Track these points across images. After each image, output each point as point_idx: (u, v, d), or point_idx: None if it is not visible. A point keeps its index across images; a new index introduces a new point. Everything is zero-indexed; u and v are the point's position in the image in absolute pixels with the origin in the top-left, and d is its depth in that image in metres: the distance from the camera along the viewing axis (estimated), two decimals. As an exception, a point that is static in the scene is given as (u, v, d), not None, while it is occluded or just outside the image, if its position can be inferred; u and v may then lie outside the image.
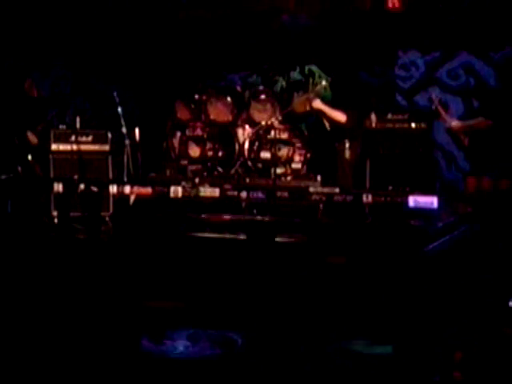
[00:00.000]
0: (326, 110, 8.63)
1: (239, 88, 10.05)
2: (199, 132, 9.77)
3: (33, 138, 8.87)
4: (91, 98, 11.24)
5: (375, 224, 7.46)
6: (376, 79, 10.04)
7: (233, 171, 9.35)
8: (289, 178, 9.08)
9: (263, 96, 9.53)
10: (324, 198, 7.61)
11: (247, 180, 8.92)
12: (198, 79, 10.41)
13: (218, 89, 10.14)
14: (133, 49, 10.81)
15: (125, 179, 8.81)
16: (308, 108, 8.85)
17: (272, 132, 9.24)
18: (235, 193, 8.09)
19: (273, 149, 9.09)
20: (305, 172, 9.18)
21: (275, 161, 9.01)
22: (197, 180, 8.57)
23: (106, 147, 9.00)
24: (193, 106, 9.87)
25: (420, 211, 7.31)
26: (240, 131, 9.55)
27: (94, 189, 7.79)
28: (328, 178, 8.67)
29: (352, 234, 7.15)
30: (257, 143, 9.38)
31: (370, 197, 7.50)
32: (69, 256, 7.07)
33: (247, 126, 9.51)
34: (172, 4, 10.16)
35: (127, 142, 9.00)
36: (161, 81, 10.73)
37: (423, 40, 9.69)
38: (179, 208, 7.95)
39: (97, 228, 8.09)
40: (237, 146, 9.47)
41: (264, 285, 6.14)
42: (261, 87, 9.88)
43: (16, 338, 4.87)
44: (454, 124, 7.77)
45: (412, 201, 7.34)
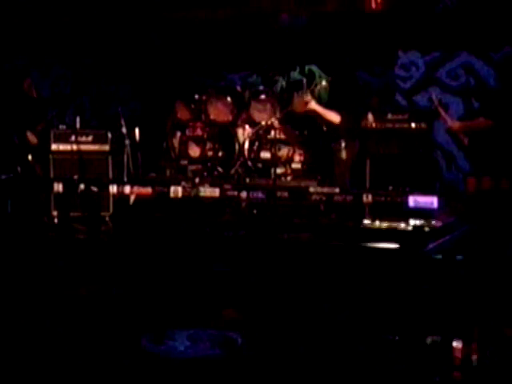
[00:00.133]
0: (320, 111, 8.64)
1: (239, 88, 10.04)
2: (199, 132, 9.77)
3: (33, 138, 8.88)
4: (91, 98, 11.24)
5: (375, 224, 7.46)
6: (376, 79, 10.05)
7: (233, 171, 9.35)
8: (289, 178, 9.09)
9: (263, 96, 9.53)
10: (324, 198, 7.61)
11: (247, 180, 8.92)
12: (198, 79, 10.42)
13: (218, 89, 10.14)
14: (133, 49, 10.81)
15: (125, 179, 8.81)
16: (306, 108, 8.86)
17: (272, 132, 9.25)
18: (235, 193, 8.09)
19: (273, 149, 9.09)
20: (302, 172, 9.19)
21: (275, 161, 9.01)
22: (197, 180, 8.57)
23: (106, 147, 9.00)
24: (193, 106, 9.87)
25: (420, 211, 7.31)
26: (240, 131, 9.55)
27: (94, 189, 7.79)
28: (326, 178, 8.68)
29: (352, 234, 7.16)
30: (257, 143, 9.38)
31: (370, 197, 7.50)
32: (69, 256, 7.07)
33: (247, 126, 9.51)
34: (172, 4, 10.16)
35: (127, 142, 9.01)
36: (161, 81, 10.73)
37: (423, 40, 9.69)
38: (179, 208, 7.95)
39: (97, 228, 8.09)
40: (237, 146, 9.47)
41: (264, 284, 6.14)
42: (261, 87, 9.89)
43: (16, 339, 4.87)
44: (454, 124, 7.77)
45: (412, 201, 7.33)
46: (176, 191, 7.79)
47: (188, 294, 5.91)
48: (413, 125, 8.42)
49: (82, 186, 7.76)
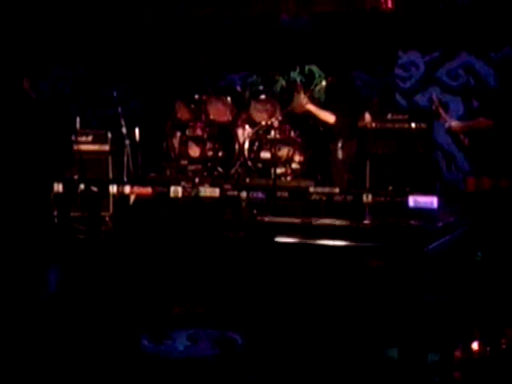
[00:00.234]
0: (314, 111, 8.65)
1: (239, 88, 10.05)
2: (199, 132, 9.77)
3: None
4: (91, 98, 11.24)
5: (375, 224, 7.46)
6: (376, 79, 10.05)
7: (233, 171, 9.35)
8: (289, 178, 9.09)
9: (263, 96, 9.53)
10: (324, 198, 7.60)
11: (247, 180, 8.92)
12: (198, 79, 10.42)
13: (218, 89, 10.14)
14: (133, 49, 10.81)
15: (125, 179, 8.81)
16: (302, 109, 8.86)
17: (272, 132, 9.25)
18: (235, 193, 8.09)
19: (273, 149, 9.09)
20: (300, 172, 9.20)
21: (275, 161, 9.01)
22: (197, 180, 8.57)
23: (106, 147, 9.00)
24: (193, 106, 9.87)
25: (420, 211, 7.30)
26: (240, 131, 9.55)
27: (94, 189, 7.78)
28: (324, 178, 8.68)
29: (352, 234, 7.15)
30: (257, 143, 9.38)
31: (370, 197, 7.50)
32: (69, 256, 7.06)
33: (247, 126, 9.51)
34: (172, 4, 10.17)
35: (127, 142, 9.01)
36: (161, 81, 10.73)
37: (423, 40, 9.69)
38: (179, 208, 7.95)
39: (97, 228, 8.09)
40: (237, 146, 9.47)
41: (264, 284, 6.14)
42: (261, 87, 9.89)
43: (16, 339, 4.87)
44: (454, 124, 7.77)
45: (412, 201, 7.33)
46: (176, 191, 7.78)
47: (188, 294, 5.91)
48: (413, 125, 8.43)
49: (82, 186, 7.76)
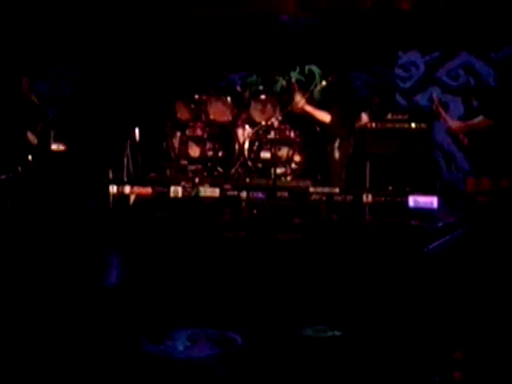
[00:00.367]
0: (310, 111, 8.66)
1: (239, 88, 10.05)
2: (199, 132, 9.78)
3: (33, 138, 8.87)
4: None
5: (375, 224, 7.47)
6: (376, 79, 10.05)
7: (233, 171, 9.35)
8: (289, 178, 9.09)
9: (263, 96, 9.53)
10: (324, 198, 7.62)
11: (247, 180, 8.93)
12: (198, 79, 10.42)
13: (218, 89, 10.14)
14: (133, 49, 10.80)
15: (125, 179, 8.81)
16: (298, 109, 8.87)
17: (272, 132, 9.25)
18: (235, 193, 8.10)
19: (273, 149, 9.10)
20: (299, 172, 9.20)
21: (275, 161, 9.01)
22: (197, 180, 8.58)
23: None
24: (193, 106, 9.87)
25: (420, 211, 7.31)
26: (240, 131, 9.55)
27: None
28: (322, 178, 8.69)
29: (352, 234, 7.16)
30: (257, 143, 9.38)
31: (370, 197, 7.51)
32: (69, 256, 7.07)
33: (247, 126, 9.51)
34: (172, 4, 10.16)
35: (127, 142, 9.01)
36: (161, 81, 10.72)
37: (423, 40, 9.69)
38: (179, 208, 7.96)
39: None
40: (237, 146, 9.47)
41: (264, 284, 6.15)
42: (261, 87, 9.89)
43: (16, 339, 4.87)
44: (454, 124, 7.77)
45: (412, 201, 7.35)
46: (176, 191, 7.80)
47: (188, 294, 5.91)
48: (413, 125, 8.43)
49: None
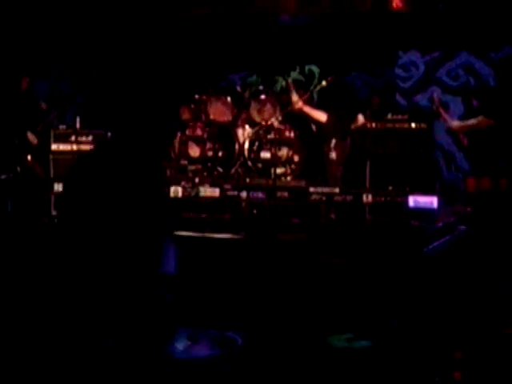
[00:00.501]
0: (307, 111, 8.66)
1: (239, 88, 10.05)
2: (199, 132, 9.77)
3: (33, 138, 8.87)
4: (91, 98, 11.23)
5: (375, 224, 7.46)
6: (376, 79, 10.05)
7: (233, 171, 9.35)
8: (289, 178, 9.09)
9: (263, 96, 9.53)
10: (324, 198, 7.61)
11: (247, 180, 8.92)
12: (198, 79, 10.42)
13: (218, 89, 10.14)
14: (133, 49, 10.80)
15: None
16: (296, 108, 8.87)
17: (272, 132, 9.25)
18: (235, 193, 8.09)
19: (273, 149, 9.09)
20: (297, 172, 9.20)
21: (275, 161, 9.00)
22: (197, 180, 8.58)
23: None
24: (193, 106, 9.87)
25: (420, 211, 7.31)
26: (240, 131, 9.54)
27: None
28: (319, 178, 8.70)
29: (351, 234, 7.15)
30: (257, 143, 9.38)
31: (370, 197, 7.50)
32: (69, 256, 7.05)
33: (247, 126, 9.51)
34: (172, 3, 10.16)
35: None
36: (161, 80, 10.72)
37: (423, 40, 9.69)
38: (179, 208, 7.95)
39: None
40: (237, 146, 9.46)
41: (264, 284, 6.14)
42: (261, 87, 9.89)
43: (16, 339, 4.87)
44: (455, 124, 7.77)
45: (412, 201, 7.34)
46: (176, 191, 7.79)
47: (188, 294, 5.90)
48: (413, 125, 8.42)
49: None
